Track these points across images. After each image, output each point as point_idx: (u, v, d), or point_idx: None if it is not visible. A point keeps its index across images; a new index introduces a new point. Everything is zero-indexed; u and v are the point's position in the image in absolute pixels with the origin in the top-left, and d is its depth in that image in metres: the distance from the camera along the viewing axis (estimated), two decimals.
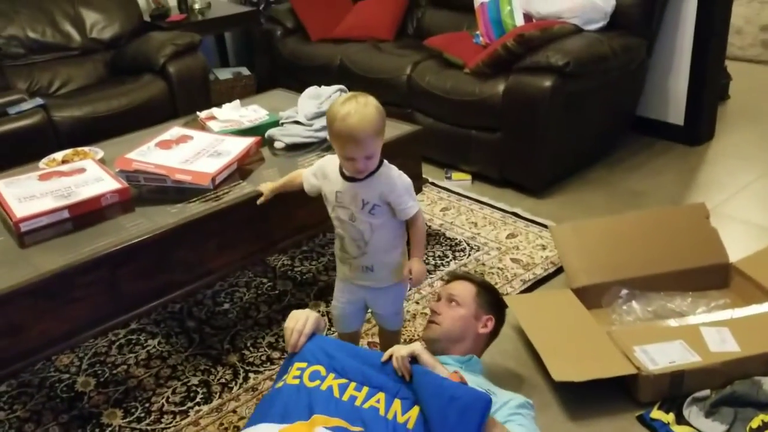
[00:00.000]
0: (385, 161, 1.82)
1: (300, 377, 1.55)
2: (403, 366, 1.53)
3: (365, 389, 1.53)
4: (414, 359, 1.55)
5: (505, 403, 1.61)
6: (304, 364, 1.57)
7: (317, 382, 1.54)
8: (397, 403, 1.51)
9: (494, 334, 1.94)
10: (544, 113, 3.01)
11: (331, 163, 1.85)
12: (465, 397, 1.45)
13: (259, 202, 2.06)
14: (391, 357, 1.57)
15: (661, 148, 3.63)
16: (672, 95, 3.62)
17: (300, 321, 1.64)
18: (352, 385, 1.54)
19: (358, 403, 1.50)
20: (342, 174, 1.80)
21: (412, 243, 1.87)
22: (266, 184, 2.09)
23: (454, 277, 2.03)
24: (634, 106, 3.68)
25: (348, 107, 1.68)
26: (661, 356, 1.92)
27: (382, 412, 1.49)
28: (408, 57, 3.65)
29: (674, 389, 1.90)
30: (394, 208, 1.80)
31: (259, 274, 2.74)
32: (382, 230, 1.82)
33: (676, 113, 3.64)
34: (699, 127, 3.61)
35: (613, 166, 3.46)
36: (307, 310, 1.67)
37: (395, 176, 1.80)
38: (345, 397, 1.51)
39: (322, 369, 1.56)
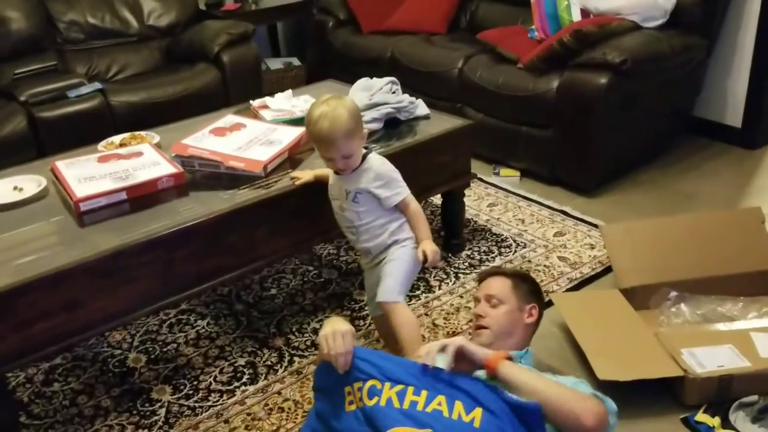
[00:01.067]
0: (372, 154, 1.95)
1: (362, 399, 1.53)
2: (446, 364, 1.53)
3: (424, 393, 1.52)
4: (459, 352, 1.54)
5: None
6: (360, 383, 1.55)
7: (376, 399, 1.51)
8: (459, 405, 1.50)
9: (539, 320, 1.90)
10: (598, 111, 2.97)
11: None
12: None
13: (295, 182, 2.17)
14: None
15: (716, 151, 3.55)
16: (731, 97, 3.54)
17: (338, 341, 1.55)
18: (410, 389, 1.52)
19: (420, 408, 1.49)
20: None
21: (413, 228, 1.97)
22: (306, 171, 2.20)
23: (485, 274, 1.97)
24: (690, 107, 3.61)
25: (319, 110, 1.82)
26: (710, 360, 1.89)
27: (446, 414, 1.48)
28: (460, 51, 3.63)
29: (721, 393, 1.87)
30: (378, 197, 1.91)
31: (305, 261, 2.78)
32: (369, 216, 1.95)
33: (734, 115, 3.55)
34: (757, 131, 3.52)
35: (667, 167, 3.40)
36: (334, 324, 1.59)
37: (376, 167, 1.92)
38: (406, 405, 1.50)
39: (377, 382, 1.54)
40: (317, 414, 1.63)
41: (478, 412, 1.49)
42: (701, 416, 1.85)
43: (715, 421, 1.83)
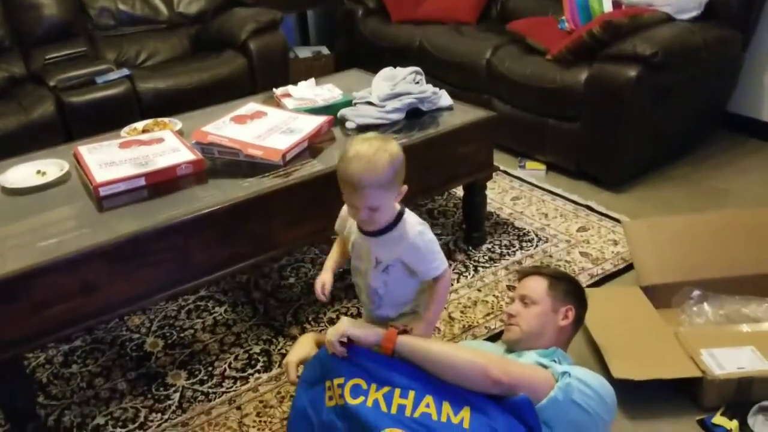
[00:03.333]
0: (407, 215, 1.62)
1: (342, 395, 1.51)
2: (337, 351, 1.55)
3: (411, 393, 1.50)
4: (348, 340, 1.55)
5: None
6: (341, 380, 1.53)
7: (361, 398, 1.49)
8: (446, 406, 1.49)
9: (579, 320, 1.85)
10: (627, 105, 2.91)
11: None
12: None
13: (322, 298, 1.73)
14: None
15: (751, 147, 3.46)
16: (767, 92, 3.44)
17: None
18: (397, 391, 1.50)
19: (408, 413, 1.48)
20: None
21: (430, 300, 1.67)
22: (322, 275, 1.76)
23: (522, 274, 1.95)
24: (725, 102, 3.52)
25: (357, 148, 1.51)
26: (730, 361, 1.84)
27: (435, 417, 1.47)
28: (489, 41, 3.59)
29: (740, 396, 1.82)
30: (413, 270, 1.64)
31: (324, 251, 2.76)
32: (398, 285, 1.67)
33: None
34: None
35: (698, 164, 3.33)
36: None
37: (413, 236, 1.59)
38: (393, 410, 1.48)
39: (362, 382, 1.52)
40: (298, 409, 1.62)
41: (466, 411, 1.48)
42: (719, 419, 1.81)
43: (733, 424, 1.78)
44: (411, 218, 1.63)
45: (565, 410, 1.53)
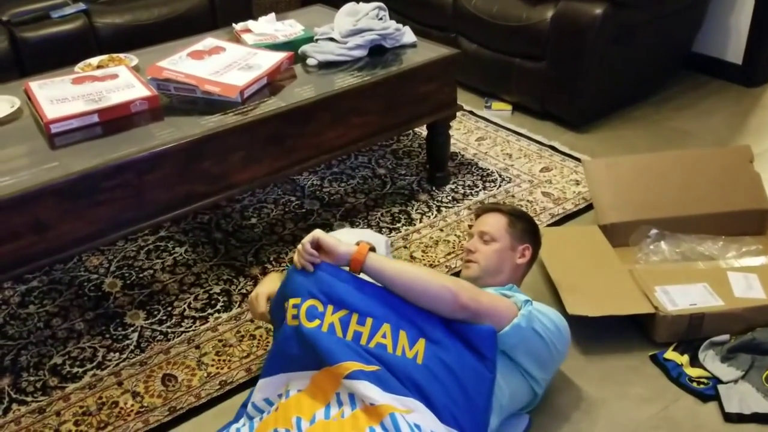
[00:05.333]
0: None
1: (297, 316, 1.49)
2: (306, 254, 1.53)
3: (369, 321, 1.49)
4: (316, 244, 1.54)
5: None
6: (298, 300, 1.51)
7: (317, 321, 1.48)
8: (403, 336, 1.48)
9: (533, 259, 1.88)
10: (592, 43, 2.88)
11: None
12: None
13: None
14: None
15: (714, 88, 3.47)
16: (733, 32, 3.42)
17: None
18: (354, 316, 1.49)
19: (363, 341, 1.47)
20: None
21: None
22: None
23: (482, 210, 1.94)
24: (690, 42, 3.50)
25: None
26: (682, 298, 1.88)
27: (390, 349, 1.47)
28: None
29: (692, 332, 1.86)
30: None
31: (287, 192, 2.75)
32: None
33: (735, 51, 3.45)
34: (757, 68, 3.42)
35: (661, 104, 3.33)
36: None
37: None
38: (349, 336, 1.47)
39: (318, 304, 1.50)
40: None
41: (421, 344, 1.48)
42: (670, 354, 1.85)
43: (684, 359, 1.83)
44: None
45: (527, 337, 1.56)
